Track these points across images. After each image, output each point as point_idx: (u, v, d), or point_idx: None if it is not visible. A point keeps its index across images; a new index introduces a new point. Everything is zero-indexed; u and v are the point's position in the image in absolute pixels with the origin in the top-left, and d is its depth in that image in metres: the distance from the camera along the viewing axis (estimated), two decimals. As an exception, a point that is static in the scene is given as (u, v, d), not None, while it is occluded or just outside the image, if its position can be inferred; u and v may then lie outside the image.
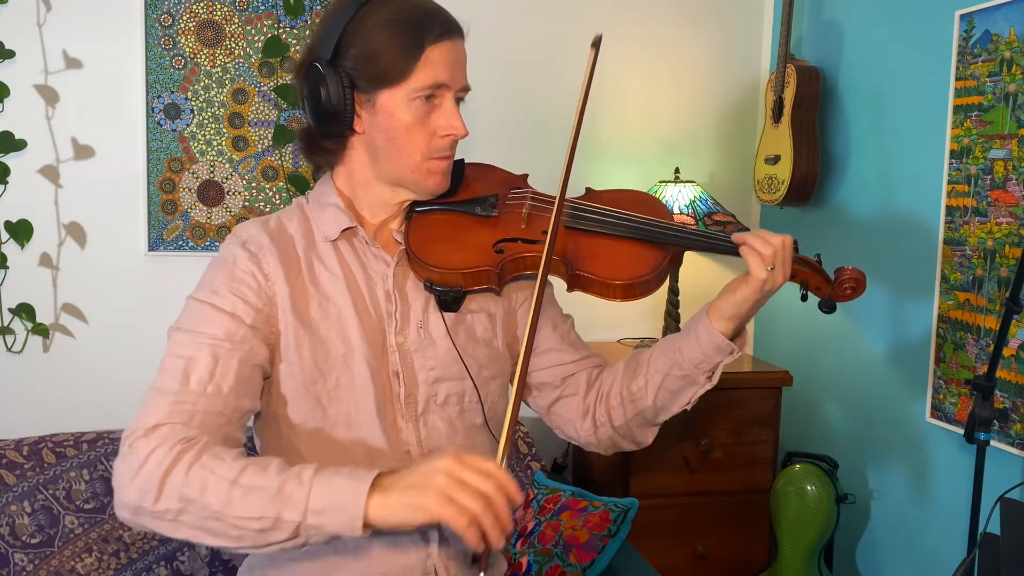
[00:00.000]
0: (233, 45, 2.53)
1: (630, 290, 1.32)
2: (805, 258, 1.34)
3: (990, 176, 2.01)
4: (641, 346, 2.70)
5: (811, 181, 2.55)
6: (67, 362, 2.47)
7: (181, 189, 2.52)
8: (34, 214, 2.40)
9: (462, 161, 1.41)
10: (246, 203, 2.57)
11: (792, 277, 1.30)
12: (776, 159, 2.60)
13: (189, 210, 2.53)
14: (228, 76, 2.53)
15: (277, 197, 2.59)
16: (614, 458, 2.47)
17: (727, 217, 2.62)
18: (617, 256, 1.33)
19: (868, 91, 2.45)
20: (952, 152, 2.11)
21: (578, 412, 1.43)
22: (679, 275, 2.70)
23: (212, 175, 2.54)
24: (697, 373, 1.32)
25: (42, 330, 2.41)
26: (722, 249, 1.33)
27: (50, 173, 2.43)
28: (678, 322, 2.67)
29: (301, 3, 2.52)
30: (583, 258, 1.33)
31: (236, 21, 2.52)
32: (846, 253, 2.52)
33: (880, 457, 2.42)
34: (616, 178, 2.80)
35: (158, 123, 2.49)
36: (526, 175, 1.45)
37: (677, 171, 2.72)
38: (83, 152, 2.45)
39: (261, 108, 2.56)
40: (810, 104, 2.55)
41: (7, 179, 2.36)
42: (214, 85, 2.52)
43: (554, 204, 1.29)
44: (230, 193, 2.56)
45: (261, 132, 2.56)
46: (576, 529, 2.16)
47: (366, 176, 1.33)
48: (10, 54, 2.35)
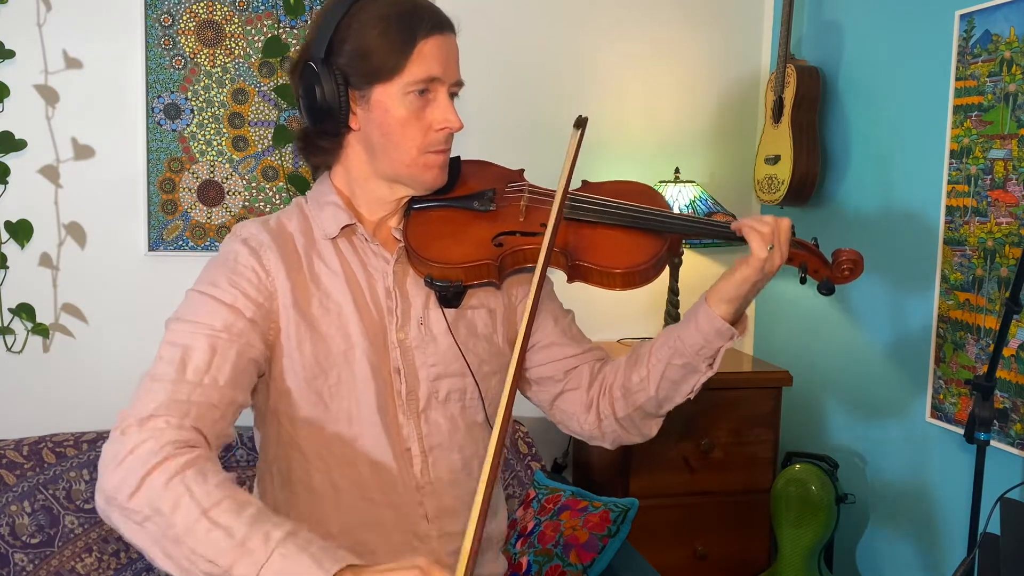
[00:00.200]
0: (233, 45, 2.53)
1: (630, 278, 1.32)
2: (802, 241, 1.35)
3: (990, 176, 2.01)
4: (641, 346, 2.70)
5: (811, 181, 2.55)
6: (67, 362, 2.47)
7: (181, 189, 2.52)
8: (34, 214, 2.40)
9: (458, 158, 1.41)
10: (246, 203, 2.57)
11: (790, 260, 1.31)
12: (776, 159, 2.60)
13: (189, 210, 2.53)
14: (228, 76, 2.53)
15: (277, 197, 2.59)
16: (614, 458, 2.47)
17: (727, 217, 2.62)
18: (616, 245, 1.34)
19: (868, 91, 2.45)
20: (952, 152, 2.11)
21: (582, 406, 1.44)
22: (679, 275, 2.70)
23: (212, 175, 2.54)
24: (698, 360, 1.33)
25: (42, 330, 2.41)
26: (719, 235, 1.35)
27: (50, 173, 2.43)
28: (678, 322, 2.67)
29: (301, 3, 2.52)
30: (582, 248, 1.33)
31: (236, 21, 2.52)
32: (846, 253, 2.52)
33: (880, 457, 2.41)
34: (616, 178, 2.79)
35: (158, 123, 2.49)
36: (522, 170, 1.45)
37: (677, 171, 2.72)
38: (83, 152, 2.45)
39: (261, 108, 2.56)
40: (810, 104, 2.55)
41: (7, 179, 2.36)
42: (214, 85, 2.52)
43: (552, 197, 1.30)
44: (230, 193, 2.56)
45: (261, 132, 2.56)
46: (576, 529, 2.16)
47: (364, 173, 1.33)
48: (10, 54, 2.35)
